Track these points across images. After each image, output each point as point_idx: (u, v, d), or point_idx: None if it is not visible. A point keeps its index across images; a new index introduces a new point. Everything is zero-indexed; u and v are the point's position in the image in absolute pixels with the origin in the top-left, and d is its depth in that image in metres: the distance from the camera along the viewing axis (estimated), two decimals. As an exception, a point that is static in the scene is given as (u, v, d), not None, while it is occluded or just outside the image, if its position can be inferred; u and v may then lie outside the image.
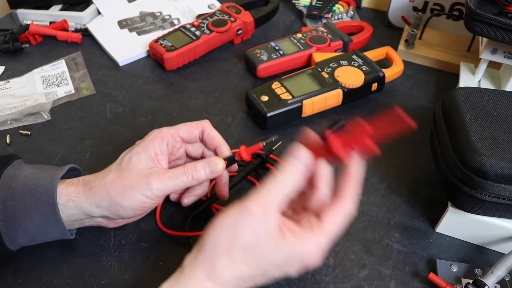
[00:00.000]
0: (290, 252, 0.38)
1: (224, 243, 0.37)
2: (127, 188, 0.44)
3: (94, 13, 0.86)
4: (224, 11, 0.80)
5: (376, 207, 0.55)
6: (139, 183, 0.44)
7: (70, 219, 0.45)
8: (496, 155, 0.44)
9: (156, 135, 0.47)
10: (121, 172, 0.45)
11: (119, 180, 0.44)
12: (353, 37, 0.77)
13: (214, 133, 0.50)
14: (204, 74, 0.74)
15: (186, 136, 0.49)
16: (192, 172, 0.45)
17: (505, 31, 0.56)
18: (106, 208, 0.44)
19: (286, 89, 0.64)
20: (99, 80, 0.72)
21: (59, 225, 0.44)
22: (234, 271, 0.38)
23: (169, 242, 0.50)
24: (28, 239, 0.44)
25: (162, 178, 0.44)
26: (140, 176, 0.44)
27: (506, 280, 0.46)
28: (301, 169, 0.40)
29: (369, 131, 0.38)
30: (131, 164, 0.45)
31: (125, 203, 0.44)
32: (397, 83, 0.73)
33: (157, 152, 0.47)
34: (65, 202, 0.44)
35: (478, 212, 0.47)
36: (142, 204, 0.45)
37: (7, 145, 0.61)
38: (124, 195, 0.44)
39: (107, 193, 0.44)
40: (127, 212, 0.45)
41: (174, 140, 0.48)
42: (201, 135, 0.50)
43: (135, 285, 0.46)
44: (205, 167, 0.46)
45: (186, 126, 0.49)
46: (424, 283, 0.47)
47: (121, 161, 0.46)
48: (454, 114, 0.49)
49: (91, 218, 0.47)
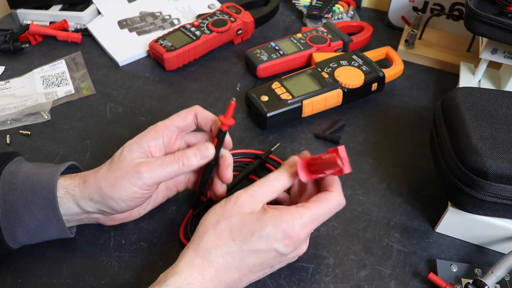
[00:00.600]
0: (272, 222, 0.41)
1: (212, 221, 0.42)
2: (117, 179, 0.44)
3: (94, 13, 0.86)
4: (224, 11, 0.80)
5: (376, 207, 0.55)
6: (129, 173, 0.44)
7: (68, 213, 0.45)
8: (496, 155, 0.44)
9: (151, 129, 0.48)
10: (112, 165, 0.45)
11: (110, 173, 0.45)
12: (353, 37, 0.77)
13: (207, 113, 0.50)
14: (204, 74, 0.74)
15: (181, 124, 0.49)
16: (182, 158, 0.45)
17: (505, 31, 0.56)
18: (99, 202, 0.45)
19: (286, 89, 0.64)
20: (99, 80, 0.72)
21: (58, 221, 0.44)
22: (221, 246, 0.40)
23: (169, 242, 0.50)
24: (27, 236, 0.44)
25: (152, 166, 0.44)
26: (130, 166, 0.45)
27: (506, 280, 0.46)
28: (290, 174, 0.45)
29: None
30: (122, 156, 0.46)
31: (115, 195, 0.44)
32: (397, 83, 0.73)
33: (150, 145, 0.47)
34: (63, 195, 0.44)
35: (478, 212, 0.47)
36: (132, 194, 0.44)
37: (7, 145, 0.61)
38: (114, 186, 0.44)
39: (98, 186, 0.44)
40: (119, 204, 0.45)
41: (170, 131, 0.48)
42: (196, 120, 0.50)
43: (135, 285, 0.46)
44: (196, 153, 0.46)
45: (179, 115, 0.49)
46: (424, 283, 0.47)
47: (113, 156, 0.47)
48: (454, 114, 0.49)
49: (88, 214, 0.47)
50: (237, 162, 0.58)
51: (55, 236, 0.46)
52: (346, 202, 0.54)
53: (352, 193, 0.56)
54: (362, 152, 0.61)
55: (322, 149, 0.62)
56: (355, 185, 0.57)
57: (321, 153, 0.44)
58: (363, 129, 0.65)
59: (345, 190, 0.56)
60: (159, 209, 0.53)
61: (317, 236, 0.51)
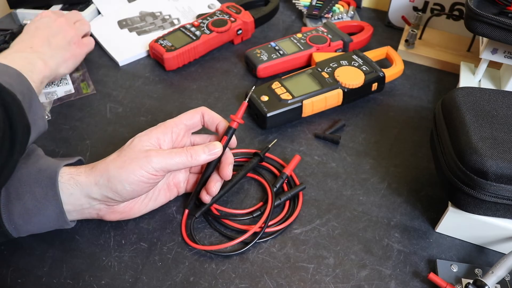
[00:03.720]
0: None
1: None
2: (126, 162, 0.46)
3: (94, 13, 0.86)
4: (224, 11, 0.80)
5: (376, 207, 0.55)
6: (138, 157, 0.46)
7: (70, 202, 0.46)
8: (496, 155, 0.44)
9: (160, 125, 0.50)
10: (121, 151, 0.48)
11: (119, 158, 0.47)
12: (353, 37, 0.77)
13: (213, 114, 0.53)
14: (204, 74, 0.74)
15: (189, 122, 0.52)
16: (191, 151, 0.48)
17: (505, 31, 0.56)
18: (104, 185, 0.45)
19: (286, 89, 0.64)
20: (99, 80, 0.72)
21: (56, 201, 0.45)
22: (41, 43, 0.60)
23: (169, 242, 0.50)
24: (24, 218, 0.45)
25: (162, 153, 0.47)
26: (140, 151, 0.46)
27: (506, 280, 0.46)
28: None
29: None
30: (132, 144, 0.48)
31: (122, 176, 0.45)
32: (397, 83, 0.73)
33: (159, 137, 0.49)
34: (66, 181, 0.46)
35: (478, 212, 0.47)
36: (139, 178, 0.45)
37: (7, 145, 0.61)
38: (122, 168, 0.45)
39: (106, 168, 0.46)
40: (125, 187, 0.45)
41: (178, 128, 0.51)
42: (202, 119, 0.52)
43: (135, 285, 0.46)
44: (204, 149, 0.49)
45: (187, 113, 0.52)
46: (424, 283, 0.47)
47: (123, 145, 0.49)
48: (454, 114, 0.49)
49: (90, 203, 0.47)
50: (236, 161, 0.58)
51: (52, 220, 0.46)
52: (347, 202, 0.55)
53: (352, 193, 0.56)
54: (362, 152, 0.61)
55: (322, 149, 0.62)
56: (355, 185, 0.57)
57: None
58: (363, 129, 0.65)
59: (345, 190, 0.56)
60: (159, 209, 0.53)
61: (317, 236, 0.51)
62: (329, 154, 0.61)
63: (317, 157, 0.60)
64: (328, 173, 0.58)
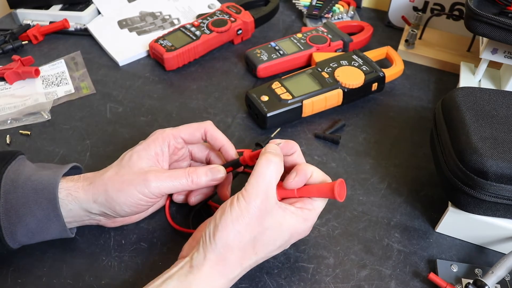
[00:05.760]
0: (290, 231, 0.43)
1: (234, 238, 0.39)
2: (124, 183, 0.44)
3: (94, 13, 0.86)
4: (224, 11, 0.80)
5: (376, 207, 0.55)
6: (136, 180, 0.44)
7: (69, 216, 0.45)
8: (496, 155, 0.44)
9: (158, 136, 0.48)
10: (120, 169, 0.45)
11: (117, 177, 0.45)
12: (353, 37, 0.77)
13: (218, 134, 0.50)
14: (204, 74, 0.74)
15: (187, 138, 0.49)
16: (193, 175, 0.46)
17: (505, 31, 0.56)
18: (103, 204, 0.45)
19: (286, 89, 0.64)
20: (99, 80, 0.72)
21: (59, 220, 0.44)
22: (244, 263, 0.41)
23: (169, 242, 0.50)
24: (28, 236, 0.44)
25: (161, 177, 0.45)
26: (139, 173, 0.45)
27: (506, 280, 0.46)
28: (279, 159, 0.43)
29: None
30: (131, 162, 0.46)
31: (120, 199, 0.44)
32: (397, 83, 0.73)
33: (157, 152, 0.47)
34: (65, 197, 0.44)
35: (478, 212, 0.47)
36: (137, 201, 0.45)
37: (7, 145, 0.61)
38: (120, 190, 0.44)
39: (104, 188, 0.44)
40: (122, 208, 0.45)
41: (176, 141, 0.49)
42: (204, 136, 0.50)
43: (135, 285, 0.46)
44: (207, 173, 0.46)
45: (188, 128, 0.50)
46: (425, 283, 0.47)
47: (122, 159, 0.47)
48: (454, 114, 0.49)
49: (90, 216, 0.47)
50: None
51: (55, 236, 0.45)
52: (347, 202, 0.55)
53: (352, 193, 0.56)
54: (362, 152, 0.61)
55: (322, 149, 0.62)
56: (355, 185, 0.57)
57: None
58: (363, 129, 0.65)
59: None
60: (159, 209, 0.53)
61: (317, 236, 0.51)
62: (329, 154, 0.61)
63: (317, 157, 0.60)
64: (328, 173, 0.58)
